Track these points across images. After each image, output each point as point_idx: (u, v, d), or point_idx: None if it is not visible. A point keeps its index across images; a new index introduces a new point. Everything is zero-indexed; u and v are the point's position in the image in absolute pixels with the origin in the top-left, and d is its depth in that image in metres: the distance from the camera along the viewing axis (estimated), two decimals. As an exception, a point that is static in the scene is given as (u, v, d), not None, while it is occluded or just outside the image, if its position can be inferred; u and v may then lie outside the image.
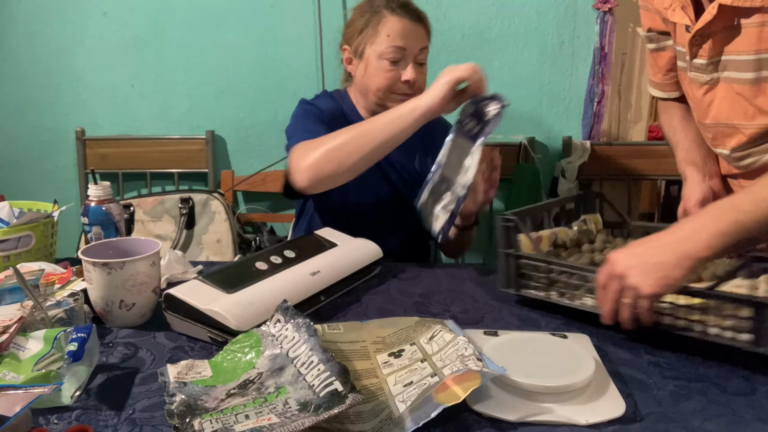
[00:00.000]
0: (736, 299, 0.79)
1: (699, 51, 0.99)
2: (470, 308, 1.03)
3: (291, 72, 2.10)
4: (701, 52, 0.99)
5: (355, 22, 1.34)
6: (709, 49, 0.98)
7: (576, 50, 2.02)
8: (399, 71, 1.29)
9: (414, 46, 1.29)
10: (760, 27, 0.89)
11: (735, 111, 1.00)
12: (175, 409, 0.68)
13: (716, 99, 1.02)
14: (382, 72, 1.29)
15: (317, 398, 0.68)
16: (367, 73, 1.32)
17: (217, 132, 2.17)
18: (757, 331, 0.77)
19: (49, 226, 1.16)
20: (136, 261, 0.92)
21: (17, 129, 2.20)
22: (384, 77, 1.29)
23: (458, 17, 2.02)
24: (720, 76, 1.00)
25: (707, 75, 1.01)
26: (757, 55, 0.92)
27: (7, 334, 0.80)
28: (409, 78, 1.29)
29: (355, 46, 1.33)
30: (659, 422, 0.70)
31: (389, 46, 1.27)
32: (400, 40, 1.28)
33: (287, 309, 0.83)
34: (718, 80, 1.01)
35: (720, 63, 0.98)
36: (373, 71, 1.30)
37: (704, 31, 0.95)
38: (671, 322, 0.85)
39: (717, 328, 0.81)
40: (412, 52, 1.29)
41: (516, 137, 2.08)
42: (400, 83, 1.30)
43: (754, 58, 0.92)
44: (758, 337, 0.78)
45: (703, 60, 1.00)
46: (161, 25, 2.09)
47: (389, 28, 1.28)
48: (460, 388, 0.68)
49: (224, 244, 2.00)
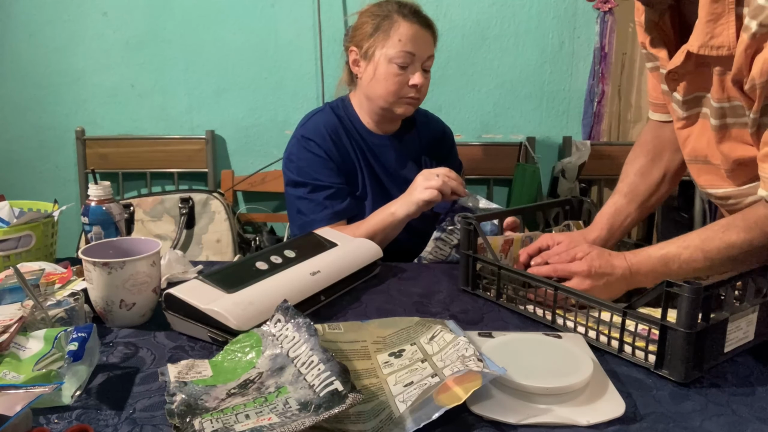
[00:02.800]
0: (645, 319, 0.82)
1: (676, 87, 0.97)
2: (470, 308, 1.03)
3: (291, 72, 2.10)
4: (678, 88, 0.97)
5: (365, 25, 1.36)
6: (684, 88, 0.96)
7: (576, 50, 2.03)
8: (407, 76, 1.32)
9: (423, 53, 1.32)
10: (722, 76, 0.88)
11: (712, 149, 0.97)
12: (175, 409, 0.68)
13: (693, 135, 1.00)
14: (391, 76, 1.32)
15: (317, 398, 0.68)
16: (375, 75, 1.34)
17: (217, 132, 2.17)
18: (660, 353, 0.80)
19: (49, 226, 1.16)
20: (137, 261, 0.92)
21: (17, 129, 2.20)
22: (393, 81, 1.32)
23: (458, 17, 2.02)
24: (698, 111, 0.97)
25: (685, 111, 0.99)
26: (720, 103, 0.90)
27: (7, 334, 0.80)
28: (417, 83, 1.32)
29: (365, 48, 1.35)
30: (659, 422, 0.70)
31: (400, 51, 1.30)
32: (411, 45, 1.30)
33: (287, 309, 0.83)
34: (695, 116, 0.98)
35: (697, 99, 0.96)
36: (382, 74, 1.33)
37: (678, 71, 0.94)
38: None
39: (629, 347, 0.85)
40: (420, 58, 1.32)
41: (516, 137, 2.09)
42: (407, 87, 1.33)
43: (717, 106, 0.91)
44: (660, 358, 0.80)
45: (679, 96, 0.97)
46: (161, 25, 2.09)
47: (401, 33, 1.30)
48: (461, 389, 0.68)
49: (224, 244, 2.00)
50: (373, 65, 1.34)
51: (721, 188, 1.00)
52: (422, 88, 1.34)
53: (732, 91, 0.88)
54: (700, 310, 0.76)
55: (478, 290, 1.08)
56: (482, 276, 1.07)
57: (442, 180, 1.19)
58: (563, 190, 1.99)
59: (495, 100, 2.10)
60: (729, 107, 0.90)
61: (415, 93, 1.33)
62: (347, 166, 1.38)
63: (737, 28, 0.82)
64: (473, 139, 2.11)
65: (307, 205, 1.34)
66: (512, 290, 1.01)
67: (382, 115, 1.39)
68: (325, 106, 1.45)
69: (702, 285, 0.75)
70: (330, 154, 1.35)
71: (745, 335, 0.84)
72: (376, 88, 1.34)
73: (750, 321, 0.84)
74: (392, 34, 1.31)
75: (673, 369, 0.79)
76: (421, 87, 1.33)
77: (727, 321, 0.81)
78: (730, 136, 0.92)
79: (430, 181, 1.19)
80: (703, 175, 1.02)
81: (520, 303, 1.00)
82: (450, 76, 2.08)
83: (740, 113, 0.89)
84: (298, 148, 1.38)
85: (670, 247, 0.92)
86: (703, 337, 0.78)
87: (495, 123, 2.11)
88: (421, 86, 1.33)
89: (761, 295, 0.85)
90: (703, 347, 0.79)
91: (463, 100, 2.10)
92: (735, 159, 0.93)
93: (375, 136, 1.42)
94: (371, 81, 1.35)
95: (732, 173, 0.96)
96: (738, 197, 0.98)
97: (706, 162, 1.00)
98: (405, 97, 1.34)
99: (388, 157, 1.42)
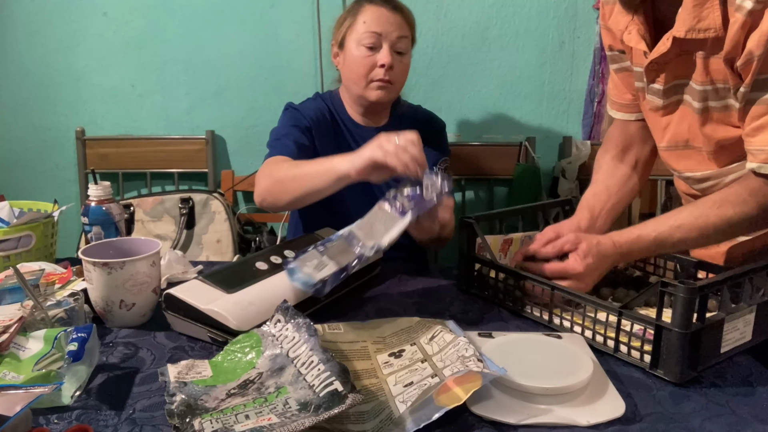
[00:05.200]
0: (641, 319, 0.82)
1: (656, 77, 1.00)
2: (470, 309, 1.03)
3: (291, 72, 2.10)
4: (658, 79, 1.00)
5: (340, 18, 1.40)
6: (665, 78, 0.99)
7: (576, 50, 2.02)
8: (375, 57, 1.31)
9: (391, 33, 1.32)
10: (706, 59, 0.91)
11: (694, 133, 1.00)
12: (175, 409, 0.68)
13: (673, 122, 1.02)
14: (360, 58, 1.32)
15: (317, 398, 0.68)
16: (346, 61, 1.35)
17: (217, 132, 2.17)
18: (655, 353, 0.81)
19: (49, 226, 1.16)
20: (136, 261, 0.92)
21: (17, 129, 2.20)
22: (361, 63, 1.32)
23: (458, 17, 2.02)
24: (678, 99, 1.00)
25: (665, 99, 1.01)
26: (702, 86, 0.94)
27: (7, 334, 0.80)
28: (384, 61, 1.30)
29: (339, 39, 1.38)
30: (659, 422, 0.70)
31: (365, 32, 1.31)
32: (376, 26, 1.31)
33: (287, 309, 0.83)
34: (676, 103, 1.01)
35: (677, 87, 0.99)
36: (352, 58, 1.33)
37: (660, 60, 0.97)
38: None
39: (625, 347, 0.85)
40: (388, 38, 1.31)
41: (516, 137, 2.08)
42: (377, 69, 1.31)
43: (700, 89, 0.94)
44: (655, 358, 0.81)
45: (659, 86, 1.00)
46: (161, 25, 2.09)
47: (366, 16, 1.32)
48: (461, 389, 0.68)
49: (224, 244, 2.00)
50: (344, 53, 1.36)
51: (700, 171, 1.03)
52: (394, 69, 1.31)
53: (716, 74, 0.91)
54: (695, 310, 0.76)
55: (477, 291, 1.08)
56: (481, 276, 1.07)
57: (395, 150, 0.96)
58: (563, 190, 1.99)
59: (495, 100, 2.10)
60: (711, 90, 0.93)
61: (385, 74, 1.31)
62: (326, 149, 1.36)
63: (722, 11, 0.86)
64: (473, 139, 2.11)
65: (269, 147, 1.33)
66: (511, 290, 1.01)
67: (361, 104, 1.39)
68: (315, 95, 1.47)
69: (697, 285, 0.75)
70: (311, 128, 1.35)
71: (743, 335, 0.84)
72: (349, 74, 1.35)
73: (747, 321, 0.84)
74: (359, 18, 1.33)
75: (668, 369, 0.79)
76: (391, 67, 1.30)
77: (723, 321, 0.81)
78: (712, 118, 0.96)
79: (386, 145, 0.98)
80: (683, 161, 1.05)
81: (519, 303, 1.00)
82: (450, 76, 2.08)
83: (723, 95, 0.93)
84: (282, 114, 1.40)
85: (662, 227, 0.95)
86: (698, 337, 0.78)
87: (495, 123, 2.11)
88: (391, 66, 1.30)
89: (759, 295, 0.86)
90: (699, 347, 0.79)
91: (463, 100, 2.10)
92: (718, 140, 0.97)
93: (361, 128, 1.41)
94: (345, 69, 1.37)
95: (714, 155, 0.99)
96: (717, 177, 1.01)
97: (687, 146, 1.03)
98: (375, 79, 1.31)
99: None
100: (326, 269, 0.96)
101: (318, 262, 0.97)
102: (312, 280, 0.94)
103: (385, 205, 1.00)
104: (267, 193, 1.18)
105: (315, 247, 1.00)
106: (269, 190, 1.17)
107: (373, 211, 1.01)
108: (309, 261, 0.98)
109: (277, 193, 1.16)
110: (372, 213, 1.00)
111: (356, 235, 0.98)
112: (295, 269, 0.97)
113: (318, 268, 0.97)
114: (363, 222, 1.00)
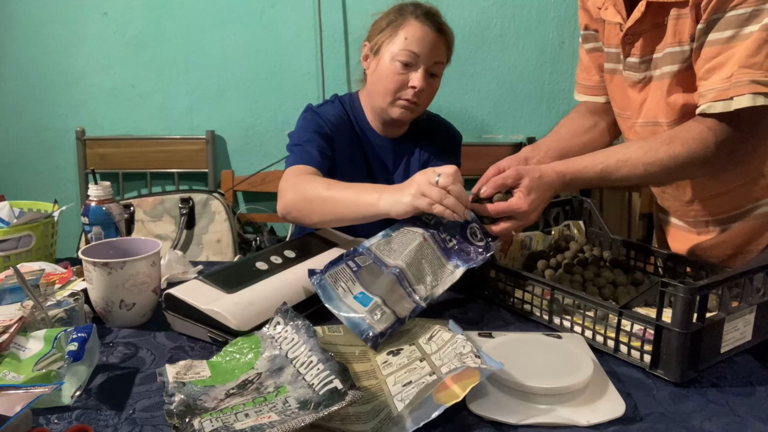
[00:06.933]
0: (641, 319, 0.82)
1: (631, 50, 1.02)
2: (469, 309, 1.03)
3: (291, 72, 2.10)
4: (633, 50, 1.02)
5: (381, 20, 1.34)
6: (641, 47, 1.01)
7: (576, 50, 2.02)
8: (408, 76, 1.27)
9: (429, 56, 1.27)
10: (676, 20, 0.94)
11: (661, 107, 1.02)
12: (174, 409, 0.68)
13: (648, 97, 1.04)
14: (392, 74, 1.27)
15: (317, 396, 0.68)
16: (377, 71, 1.31)
17: (217, 132, 2.17)
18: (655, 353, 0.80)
19: (49, 226, 1.17)
20: (137, 261, 0.92)
21: (17, 129, 2.20)
22: (393, 79, 1.27)
23: (458, 17, 2.02)
24: (652, 74, 1.02)
25: (640, 73, 1.03)
26: (671, 48, 0.96)
27: (7, 334, 0.80)
28: (416, 84, 1.26)
29: (374, 42, 1.33)
30: (659, 422, 0.70)
31: (404, 49, 1.26)
32: (417, 46, 1.26)
33: (287, 311, 0.83)
34: (650, 78, 1.03)
35: (651, 61, 1.01)
36: (384, 71, 1.29)
37: (635, 29, 0.99)
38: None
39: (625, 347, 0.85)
40: (425, 60, 1.27)
41: (516, 137, 2.09)
42: (407, 88, 1.28)
43: (668, 51, 0.97)
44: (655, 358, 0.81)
45: (635, 59, 1.02)
46: (161, 25, 2.09)
47: (408, 32, 1.27)
48: (459, 386, 0.68)
49: (224, 244, 2.00)
50: (377, 60, 1.31)
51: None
52: (422, 92, 1.28)
53: (683, 34, 0.94)
54: (695, 310, 0.76)
55: (477, 290, 1.08)
56: (482, 276, 1.07)
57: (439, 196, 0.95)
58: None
59: (495, 100, 2.10)
60: (679, 51, 0.96)
61: (414, 96, 1.28)
62: (342, 156, 1.35)
63: None
64: (473, 139, 2.11)
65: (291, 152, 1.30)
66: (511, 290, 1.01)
67: (380, 116, 1.36)
68: (334, 98, 1.43)
69: (697, 285, 0.75)
70: (331, 136, 1.32)
71: (743, 336, 0.84)
72: (377, 84, 1.31)
73: (747, 321, 0.84)
74: (400, 31, 1.27)
75: (668, 369, 0.79)
76: (420, 91, 1.27)
77: (723, 321, 0.81)
78: (676, 83, 0.98)
79: (428, 191, 0.96)
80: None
81: (518, 303, 1.00)
82: (450, 76, 2.07)
83: (688, 57, 0.95)
84: (303, 117, 1.36)
85: (609, 161, 0.96)
86: (698, 337, 0.78)
87: (495, 123, 2.11)
88: (421, 90, 1.27)
89: (758, 295, 0.86)
90: (699, 347, 0.79)
91: (463, 100, 2.10)
92: (680, 107, 0.99)
93: (378, 137, 1.39)
94: (374, 77, 1.32)
95: (677, 125, 1.00)
96: None
97: (656, 123, 1.04)
98: (402, 98, 1.28)
99: (386, 159, 1.40)
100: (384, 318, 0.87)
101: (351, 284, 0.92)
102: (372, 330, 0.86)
103: (430, 240, 0.97)
104: (293, 208, 1.15)
105: (344, 262, 0.95)
106: (296, 206, 1.15)
107: (418, 243, 0.96)
108: (341, 278, 0.93)
109: (305, 212, 1.14)
110: (417, 247, 0.96)
111: (406, 275, 0.93)
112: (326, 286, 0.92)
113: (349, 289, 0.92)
114: (410, 256, 0.95)
